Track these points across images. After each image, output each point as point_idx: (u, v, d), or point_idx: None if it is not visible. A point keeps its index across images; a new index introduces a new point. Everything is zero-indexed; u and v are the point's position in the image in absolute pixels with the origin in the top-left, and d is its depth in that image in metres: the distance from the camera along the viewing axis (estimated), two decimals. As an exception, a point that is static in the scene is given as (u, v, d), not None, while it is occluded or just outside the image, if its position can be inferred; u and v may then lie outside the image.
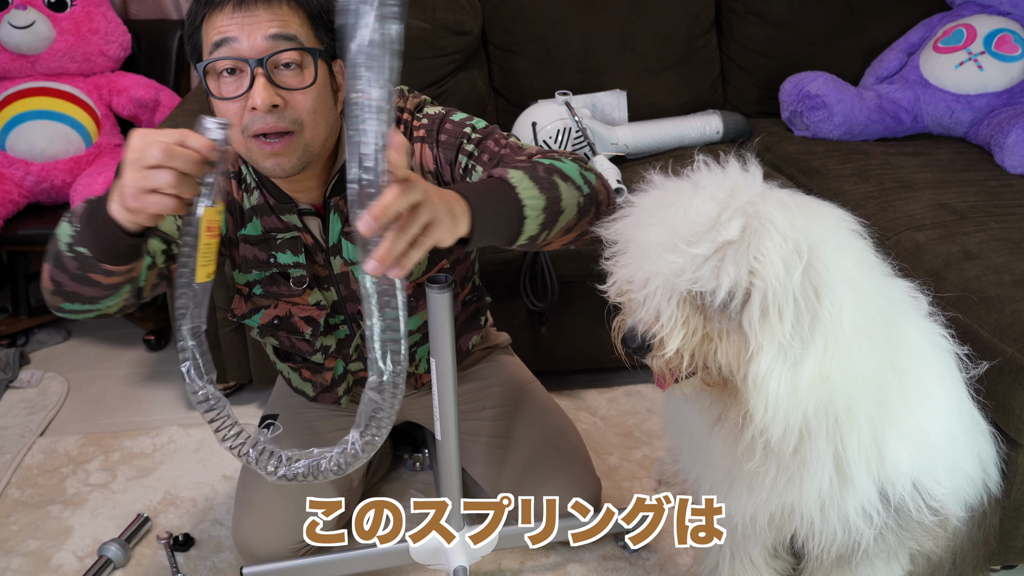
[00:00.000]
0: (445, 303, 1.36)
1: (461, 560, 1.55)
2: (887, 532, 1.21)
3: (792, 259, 0.98)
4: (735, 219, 0.99)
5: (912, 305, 1.24)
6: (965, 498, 1.28)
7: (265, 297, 1.45)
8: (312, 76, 1.21)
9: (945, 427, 1.21)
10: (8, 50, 2.43)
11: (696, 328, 1.02)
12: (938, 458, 1.19)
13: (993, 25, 2.39)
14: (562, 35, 2.53)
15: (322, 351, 1.53)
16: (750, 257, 0.98)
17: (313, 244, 1.42)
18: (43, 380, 2.37)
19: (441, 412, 1.47)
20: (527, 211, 1.12)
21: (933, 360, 1.20)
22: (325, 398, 1.65)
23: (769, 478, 1.18)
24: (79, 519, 1.86)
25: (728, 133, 2.52)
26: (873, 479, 1.16)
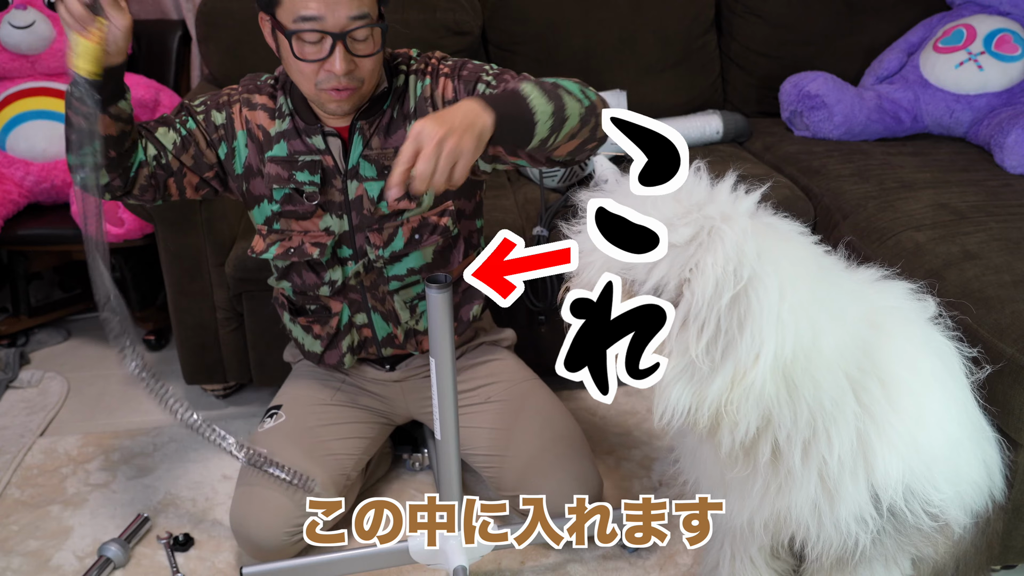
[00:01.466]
0: (445, 303, 1.36)
1: (461, 560, 1.55)
2: (885, 537, 1.21)
3: (726, 282, 1.00)
4: (688, 227, 1.03)
5: (906, 311, 1.23)
6: (970, 505, 1.27)
7: (281, 230, 1.60)
8: (377, 44, 1.45)
9: (944, 433, 1.20)
10: (8, 50, 2.43)
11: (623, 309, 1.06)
12: (937, 465, 1.19)
13: (993, 25, 2.39)
14: (562, 35, 2.53)
15: (329, 285, 1.61)
16: (686, 267, 1.02)
17: (332, 167, 1.56)
18: (43, 380, 2.37)
19: (441, 412, 1.47)
20: (537, 116, 1.27)
21: (925, 367, 1.19)
22: (331, 357, 1.70)
23: (758, 486, 1.20)
24: (79, 519, 1.86)
25: (728, 133, 2.52)
26: (864, 487, 1.16)
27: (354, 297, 1.66)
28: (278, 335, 2.03)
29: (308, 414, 1.74)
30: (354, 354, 1.71)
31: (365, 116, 1.54)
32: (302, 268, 1.63)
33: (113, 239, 2.26)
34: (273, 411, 1.77)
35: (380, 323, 1.68)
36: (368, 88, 1.49)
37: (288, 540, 1.60)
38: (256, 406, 2.24)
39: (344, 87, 1.44)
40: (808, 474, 1.16)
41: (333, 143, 1.56)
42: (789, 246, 1.09)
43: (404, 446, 2.02)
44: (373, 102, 1.53)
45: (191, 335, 2.10)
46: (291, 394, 1.80)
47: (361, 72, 1.45)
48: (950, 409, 1.21)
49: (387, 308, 1.66)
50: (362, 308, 1.66)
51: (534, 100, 1.28)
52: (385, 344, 1.71)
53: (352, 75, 1.43)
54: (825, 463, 1.14)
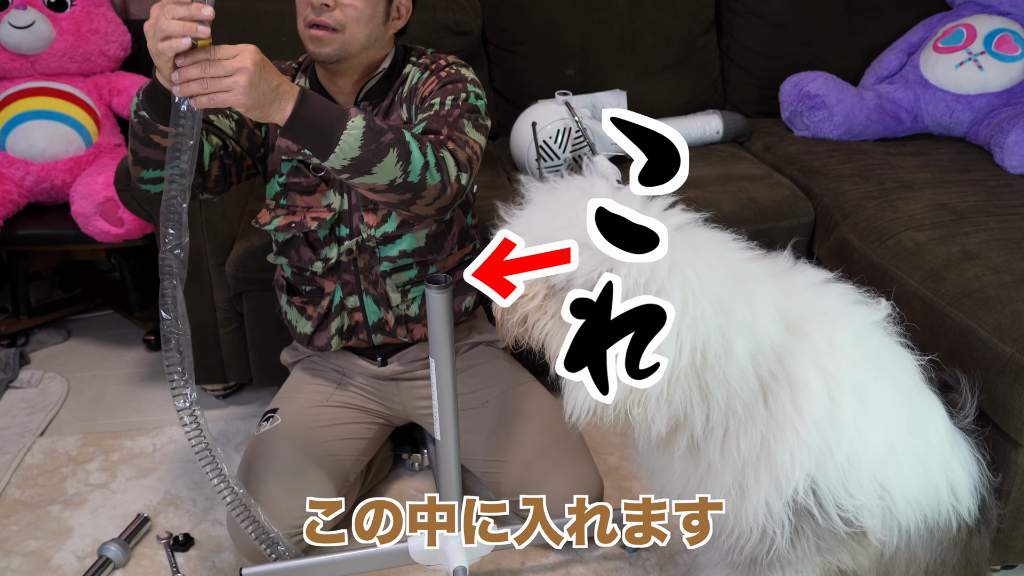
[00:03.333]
0: (444, 303, 1.36)
1: (461, 560, 1.55)
2: (802, 539, 1.23)
3: (635, 293, 1.07)
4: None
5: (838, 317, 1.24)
6: (905, 520, 1.26)
7: (286, 205, 1.64)
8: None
9: (864, 443, 1.20)
10: (8, 50, 2.43)
11: (537, 295, 1.15)
12: (854, 472, 1.20)
13: (993, 25, 2.39)
14: (562, 35, 2.53)
15: (323, 262, 1.65)
16: (598, 270, 1.08)
17: None
18: (43, 380, 2.37)
19: (440, 412, 1.47)
20: (338, 149, 1.30)
21: (845, 375, 1.19)
22: (320, 339, 1.72)
23: (678, 476, 1.28)
24: (79, 519, 1.86)
25: (728, 133, 2.52)
26: (770, 486, 1.20)
27: (347, 278, 1.67)
28: (278, 335, 2.03)
29: (305, 416, 1.74)
30: (343, 337, 1.72)
31: (369, 97, 1.60)
32: (300, 243, 1.66)
33: (113, 239, 2.27)
34: (270, 414, 1.77)
35: (372, 307, 1.69)
36: (351, 38, 1.51)
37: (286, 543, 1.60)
38: (256, 406, 2.24)
39: (318, 21, 1.48)
40: (725, 468, 1.22)
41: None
42: (702, 260, 1.13)
43: (404, 446, 2.02)
44: (379, 84, 1.60)
45: (191, 335, 2.09)
46: (288, 397, 1.80)
47: (342, 15, 1.48)
48: (873, 419, 1.20)
49: (379, 291, 1.67)
50: (354, 291, 1.68)
51: (348, 136, 1.30)
52: (376, 330, 1.71)
53: (329, 13, 1.48)
54: (735, 459, 1.20)
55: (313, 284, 1.71)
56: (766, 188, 2.19)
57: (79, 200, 2.24)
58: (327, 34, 1.50)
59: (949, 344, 1.63)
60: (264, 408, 2.19)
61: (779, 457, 1.18)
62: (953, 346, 1.62)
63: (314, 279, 1.70)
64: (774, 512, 1.21)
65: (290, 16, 1.63)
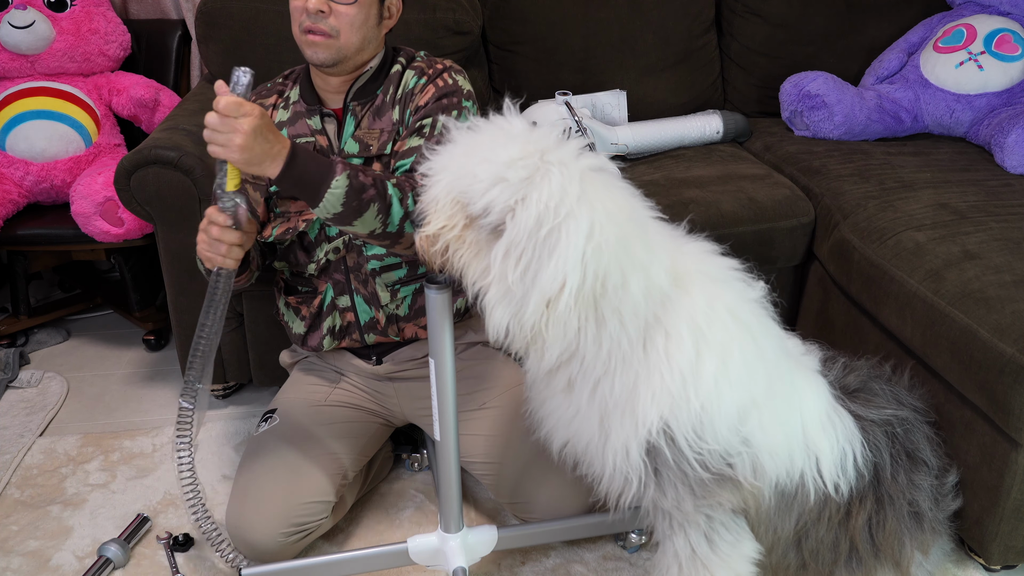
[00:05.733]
0: (444, 303, 1.36)
1: (460, 561, 1.55)
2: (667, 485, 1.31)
3: (546, 216, 1.15)
4: (524, 170, 1.17)
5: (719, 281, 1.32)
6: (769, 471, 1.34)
7: (281, 213, 1.68)
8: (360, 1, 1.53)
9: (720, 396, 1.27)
10: (8, 50, 2.43)
11: (456, 225, 1.23)
12: (709, 421, 1.27)
13: (993, 25, 2.39)
14: (562, 35, 2.53)
15: (316, 263, 1.68)
16: (513, 198, 1.17)
17: (326, 148, 1.64)
18: (43, 380, 2.37)
19: (440, 413, 1.47)
20: (322, 204, 1.41)
21: (715, 333, 1.27)
22: (312, 339, 1.74)
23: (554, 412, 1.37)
24: (79, 519, 1.86)
25: (728, 133, 2.52)
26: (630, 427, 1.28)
27: (338, 277, 1.69)
28: (278, 335, 2.03)
29: (304, 415, 1.74)
30: (334, 337, 1.73)
31: (358, 97, 1.63)
32: (296, 248, 1.69)
33: (113, 239, 2.27)
34: (268, 415, 1.77)
35: (363, 306, 1.70)
36: (347, 43, 1.55)
37: (285, 541, 1.60)
38: (256, 406, 2.24)
39: (317, 29, 1.52)
40: (591, 411, 1.30)
41: (329, 124, 1.64)
42: (610, 196, 1.22)
43: (404, 446, 2.02)
44: (368, 84, 1.62)
45: (191, 335, 2.10)
46: (286, 397, 1.80)
47: (336, 22, 1.52)
48: (735, 375, 1.28)
49: (369, 290, 1.68)
50: (345, 290, 1.69)
51: (331, 195, 1.40)
52: (368, 329, 1.71)
53: (325, 20, 1.51)
54: (605, 404, 1.28)
55: (308, 284, 1.72)
56: (766, 188, 2.19)
57: (79, 200, 2.24)
58: (323, 39, 1.53)
59: (949, 344, 1.63)
60: (263, 408, 2.20)
61: (641, 399, 1.26)
62: (953, 346, 1.62)
63: (310, 280, 1.71)
64: (631, 456, 1.29)
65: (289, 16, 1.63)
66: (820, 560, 1.45)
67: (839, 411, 1.41)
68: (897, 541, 1.46)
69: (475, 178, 1.19)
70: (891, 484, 1.44)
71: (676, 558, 1.42)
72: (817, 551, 1.45)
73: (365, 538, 1.80)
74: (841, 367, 1.50)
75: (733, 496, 1.34)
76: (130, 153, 1.95)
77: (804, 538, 1.44)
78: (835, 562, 1.46)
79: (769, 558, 1.47)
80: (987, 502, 1.59)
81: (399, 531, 1.82)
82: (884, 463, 1.44)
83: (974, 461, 1.61)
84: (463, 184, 1.21)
